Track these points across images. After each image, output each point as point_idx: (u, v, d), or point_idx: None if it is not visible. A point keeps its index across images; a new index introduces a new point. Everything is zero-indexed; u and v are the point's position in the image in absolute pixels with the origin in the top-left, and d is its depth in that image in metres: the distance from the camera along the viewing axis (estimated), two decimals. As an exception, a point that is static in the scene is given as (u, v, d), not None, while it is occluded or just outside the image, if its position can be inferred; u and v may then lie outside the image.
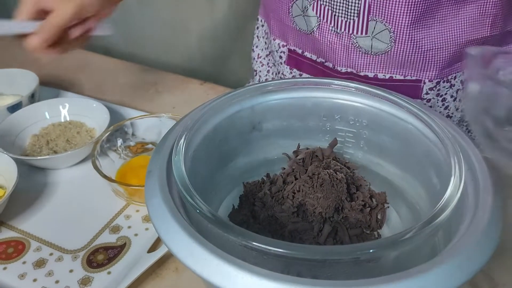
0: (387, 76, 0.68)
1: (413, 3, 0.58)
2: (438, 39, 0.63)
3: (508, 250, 0.50)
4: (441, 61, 0.65)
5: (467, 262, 0.32)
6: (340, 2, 0.62)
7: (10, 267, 0.54)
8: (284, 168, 0.56)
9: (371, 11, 0.60)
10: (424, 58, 0.64)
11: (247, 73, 0.96)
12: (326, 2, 0.64)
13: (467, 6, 0.61)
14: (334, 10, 0.64)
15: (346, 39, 0.65)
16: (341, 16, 0.63)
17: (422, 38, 0.62)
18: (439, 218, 0.35)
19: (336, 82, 0.52)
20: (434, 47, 0.63)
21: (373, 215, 0.51)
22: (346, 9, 0.62)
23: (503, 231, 0.36)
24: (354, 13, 0.62)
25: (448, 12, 0.61)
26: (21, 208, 0.63)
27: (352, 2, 0.61)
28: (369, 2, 0.60)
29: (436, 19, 0.61)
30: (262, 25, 0.84)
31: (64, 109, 0.77)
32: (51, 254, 0.56)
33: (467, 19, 0.62)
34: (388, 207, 0.53)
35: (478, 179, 0.40)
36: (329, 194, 0.49)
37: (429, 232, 0.35)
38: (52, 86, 0.90)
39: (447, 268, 0.32)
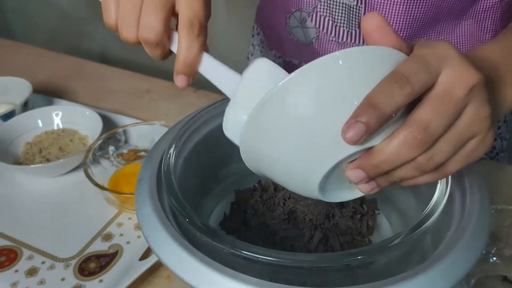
0: None
1: (412, 17, 0.58)
2: None
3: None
4: None
5: (451, 268, 0.33)
6: (341, 13, 0.62)
7: (2, 276, 0.54)
8: (276, 175, 0.56)
9: None
10: None
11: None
12: (326, 12, 0.63)
13: (465, 21, 0.61)
14: (336, 20, 0.63)
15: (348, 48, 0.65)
16: (343, 26, 0.63)
17: None
18: (426, 224, 0.36)
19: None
20: None
21: (363, 221, 0.51)
22: (348, 19, 0.62)
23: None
24: (355, 23, 0.62)
25: (446, 27, 0.61)
26: (14, 216, 0.63)
27: (353, 14, 0.61)
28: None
29: (434, 33, 0.62)
30: (258, 34, 0.84)
31: (57, 117, 0.77)
32: (43, 262, 0.56)
33: (466, 34, 0.62)
34: (379, 213, 0.53)
35: (465, 186, 0.41)
36: (320, 201, 0.49)
37: (417, 238, 0.35)
38: (45, 94, 0.90)
39: (432, 274, 0.32)
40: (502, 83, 0.38)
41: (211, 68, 0.39)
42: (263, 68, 0.38)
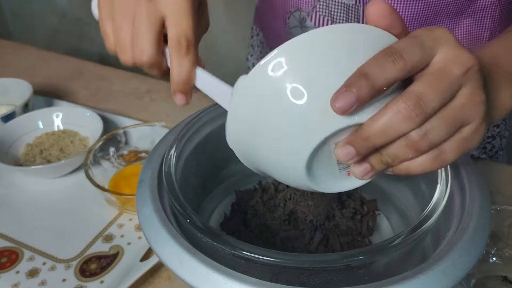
0: None
1: (410, 16, 0.59)
2: None
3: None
4: None
5: (451, 268, 0.33)
6: (340, 13, 0.62)
7: (4, 277, 0.54)
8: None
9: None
10: None
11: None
12: (325, 12, 0.64)
13: (464, 20, 0.61)
14: (335, 20, 0.63)
15: None
16: None
17: None
18: (426, 224, 0.36)
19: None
20: None
21: (364, 222, 0.51)
22: (347, 19, 0.62)
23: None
24: (354, 21, 0.62)
25: (444, 25, 0.61)
26: (14, 217, 0.63)
27: (352, 14, 0.61)
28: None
29: None
30: (257, 34, 0.84)
31: (57, 118, 0.77)
32: (44, 263, 0.56)
33: (465, 33, 0.62)
34: (379, 214, 0.53)
35: (465, 186, 0.41)
36: (320, 201, 0.50)
37: (417, 238, 0.35)
38: (46, 95, 0.90)
39: (432, 275, 0.32)
40: (498, 86, 0.38)
41: (205, 83, 0.39)
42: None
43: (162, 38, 0.39)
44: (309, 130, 0.31)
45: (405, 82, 0.31)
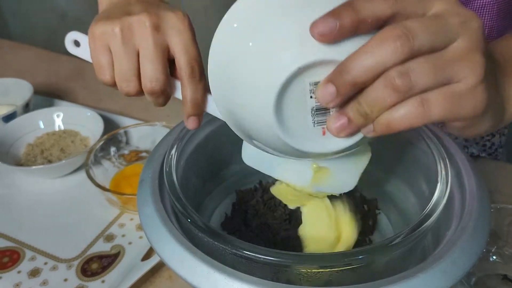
0: None
1: None
2: None
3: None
4: None
5: (452, 267, 0.33)
6: None
7: (5, 277, 0.55)
8: (276, 176, 0.56)
9: None
10: None
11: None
12: None
13: None
14: None
15: None
16: None
17: None
18: (426, 223, 0.36)
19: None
20: None
21: (364, 221, 0.52)
22: None
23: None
24: None
25: None
26: (16, 218, 0.63)
27: None
28: None
29: None
30: None
31: (58, 118, 0.78)
32: (45, 263, 0.56)
33: None
34: (379, 213, 0.54)
35: (465, 186, 0.41)
36: (320, 201, 0.50)
37: (417, 237, 0.35)
38: (46, 95, 0.90)
39: (432, 273, 0.32)
40: (506, 83, 0.37)
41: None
42: None
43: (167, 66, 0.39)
44: (282, 60, 0.30)
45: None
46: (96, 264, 0.55)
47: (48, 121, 0.77)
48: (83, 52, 0.42)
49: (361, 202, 0.53)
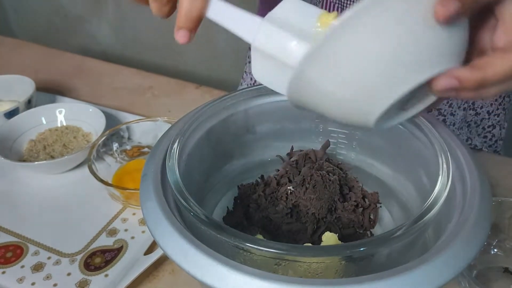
0: None
1: None
2: None
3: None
4: None
5: (453, 259, 0.33)
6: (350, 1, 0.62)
7: (9, 271, 0.55)
8: (278, 170, 0.57)
9: None
10: None
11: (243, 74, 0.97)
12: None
13: None
14: (344, 8, 0.64)
15: None
16: None
17: None
18: (428, 216, 0.36)
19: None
20: None
21: (365, 215, 0.52)
22: None
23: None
24: None
25: None
26: (19, 213, 0.64)
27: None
28: None
29: None
30: None
31: (60, 114, 0.78)
32: (49, 258, 0.56)
33: None
34: (381, 206, 0.54)
35: (466, 179, 0.41)
36: (322, 195, 0.50)
37: (419, 230, 0.35)
38: (48, 91, 0.91)
39: (433, 266, 0.32)
40: None
41: (222, 11, 0.36)
42: (293, 6, 0.36)
43: None
44: (394, 80, 0.31)
45: None
46: (99, 259, 0.56)
47: (50, 117, 0.77)
48: None
49: (362, 196, 0.53)
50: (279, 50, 0.34)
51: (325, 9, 0.66)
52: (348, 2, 0.63)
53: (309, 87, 0.33)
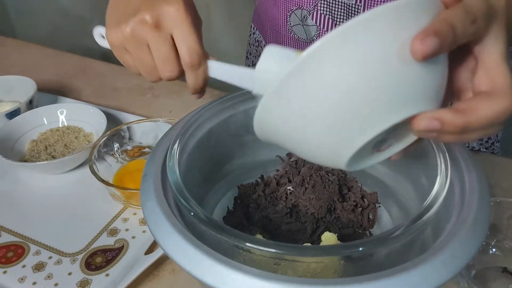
0: None
1: None
2: None
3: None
4: None
5: (452, 259, 0.33)
6: (341, 12, 0.62)
7: (10, 271, 0.55)
8: (278, 170, 0.57)
9: None
10: None
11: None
12: (326, 11, 0.63)
13: None
14: (336, 19, 0.63)
15: None
16: None
17: None
18: (426, 216, 0.36)
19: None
20: None
21: (364, 215, 0.52)
22: (347, 18, 0.62)
23: None
24: None
25: None
26: (21, 213, 0.64)
27: (352, 14, 0.61)
28: None
29: None
30: (254, 33, 0.84)
31: (61, 114, 0.78)
32: (50, 257, 0.57)
33: None
34: (380, 206, 0.54)
35: (465, 179, 0.41)
36: (321, 195, 0.50)
37: (417, 230, 0.36)
38: (50, 92, 0.91)
39: (432, 265, 0.33)
40: None
41: (220, 72, 0.42)
42: (275, 53, 0.37)
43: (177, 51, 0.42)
44: (361, 125, 0.29)
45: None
46: (100, 258, 0.56)
47: (51, 117, 0.78)
48: None
49: (361, 196, 0.54)
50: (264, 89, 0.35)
51: (317, 21, 0.66)
52: (340, 15, 0.63)
53: (273, 119, 0.32)
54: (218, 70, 0.42)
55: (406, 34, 0.28)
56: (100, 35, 0.47)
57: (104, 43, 0.46)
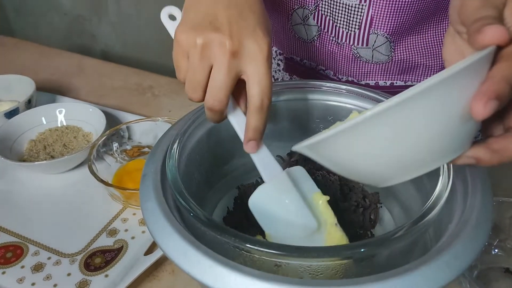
0: (388, 83, 0.68)
1: (413, 12, 0.58)
2: (436, 42, 0.63)
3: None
4: (440, 65, 0.65)
5: (454, 260, 0.33)
6: (341, 14, 0.62)
7: (9, 272, 0.55)
8: (278, 170, 0.57)
9: (373, 24, 0.60)
10: (424, 64, 0.65)
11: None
12: (327, 12, 0.63)
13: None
14: (336, 21, 0.63)
15: (347, 49, 0.65)
16: (342, 27, 0.63)
17: (421, 44, 0.63)
18: (428, 217, 0.36)
19: (327, 84, 0.53)
20: (432, 52, 0.64)
21: (366, 215, 0.52)
22: (348, 21, 0.62)
23: None
24: (355, 25, 0.61)
25: (445, 15, 0.61)
26: (19, 213, 0.63)
27: (353, 15, 0.61)
28: (371, 15, 0.59)
29: (432, 23, 0.61)
30: None
31: (60, 114, 0.78)
32: (49, 258, 0.56)
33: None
34: (381, 207, 0.54)
35: (467, 179, 0.41)
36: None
37: (419, 230, 0.35)
38: (49, 91, 0.91)
39: (435, 266, 0.32)
40: None
41: (263, 157, 0.44)
42: (301, 172, 0.46)
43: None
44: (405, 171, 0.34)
45: None
46: (99, 259, 0.56)
47: (50, 117, 0.77)
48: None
49: (363, 196, 0.53)
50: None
51: (318, 21, 0.65)
52: (339, 16, 0.62)
53: (335, 151, 0.35)
54: (263, 153, 0.44)
55: (467, 95, 0.30)
56: (168, 15, 0.44)
57: (169, 26, 0.44)
